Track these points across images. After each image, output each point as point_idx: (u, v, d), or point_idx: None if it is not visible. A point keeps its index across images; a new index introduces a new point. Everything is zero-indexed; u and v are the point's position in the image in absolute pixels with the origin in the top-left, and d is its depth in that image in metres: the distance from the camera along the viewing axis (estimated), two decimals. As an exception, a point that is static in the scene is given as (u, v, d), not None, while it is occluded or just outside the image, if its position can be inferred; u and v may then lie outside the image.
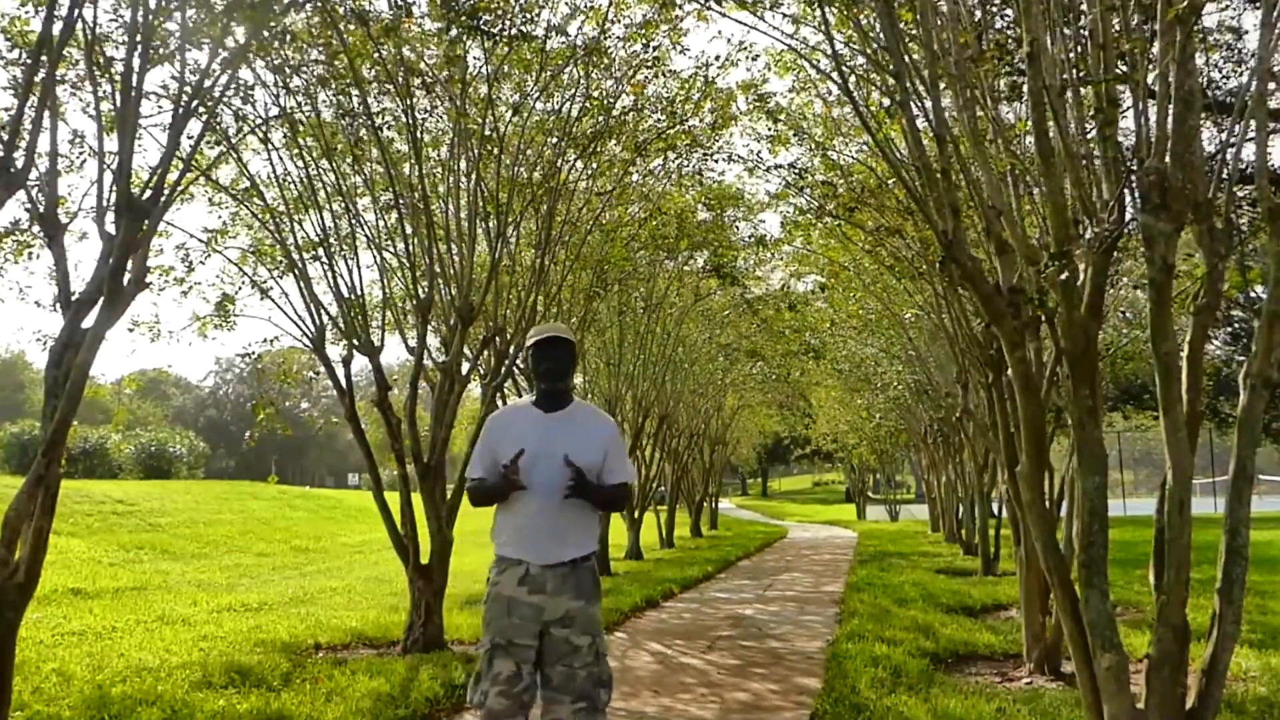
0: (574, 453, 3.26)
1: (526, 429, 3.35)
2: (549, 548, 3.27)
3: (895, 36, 4.01)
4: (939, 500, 21.02)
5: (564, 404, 3.42)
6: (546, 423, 3.37)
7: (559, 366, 3.39)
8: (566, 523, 3.30)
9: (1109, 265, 3.62)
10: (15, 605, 4.16)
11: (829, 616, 8.89)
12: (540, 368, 3.38)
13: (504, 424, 3.46)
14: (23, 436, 27.18)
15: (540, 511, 3.27)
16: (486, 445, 3.43)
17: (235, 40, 5.23)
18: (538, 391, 3.46)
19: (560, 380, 3.40)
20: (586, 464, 3.27)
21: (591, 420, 3.46)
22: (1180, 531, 3.23)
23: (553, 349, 3.38)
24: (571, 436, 3.32)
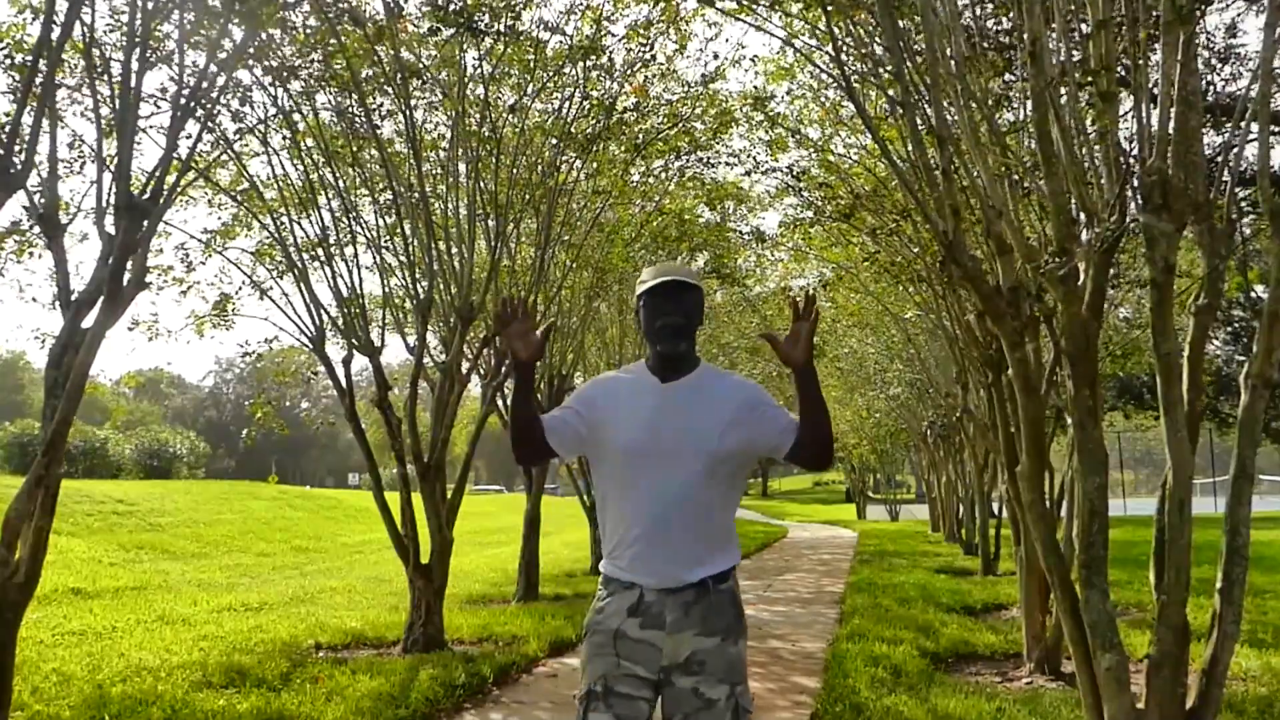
0: (704, 430, 2.45)
1: (640, 400, 2.51)
2: (669, 565, 2.43)
3: (896, 37, 4.01)
4: (939, 500, 21.03)
5: (685, 371, 2.55)
6: (665, 393, 2.51)
7: (682, 322, 2.50)
8: (694, 530, 2.44)
9: (1109, 265, 3.62)
10: (15, 605, 4.16)
11: (829, 616, 8.89)
12: (655, 324, 2.50)
13: (610, 389, 2.58)
14: (23, 436, 27.17)
15: (657, 515, 2.44)
16: (576, 408, 2.55)
17: (232, 42, 5.23)
18: (652, 355, 2.57)
19: (684, 340, 2.52)
20: (725, 446, 2.44)
21: (725, 385, 2.55)
22: (1180, 531, 3.23)
23: (674, 298, 2.50)
24: (699, 409, 2.49)
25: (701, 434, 2.45)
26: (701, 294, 2.59)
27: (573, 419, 2.52)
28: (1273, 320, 3.16)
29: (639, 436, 2.46)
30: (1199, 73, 3.20)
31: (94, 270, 4.47)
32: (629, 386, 2.56)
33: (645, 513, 2.43)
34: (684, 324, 2.50)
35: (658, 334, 2.50)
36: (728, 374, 2.66)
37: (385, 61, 7.01)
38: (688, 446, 2.43)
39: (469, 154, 8.03)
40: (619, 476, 2.50)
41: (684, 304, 2.51)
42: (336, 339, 7.93)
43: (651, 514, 2.43)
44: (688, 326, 2.52)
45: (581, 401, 2.56)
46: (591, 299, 12.22)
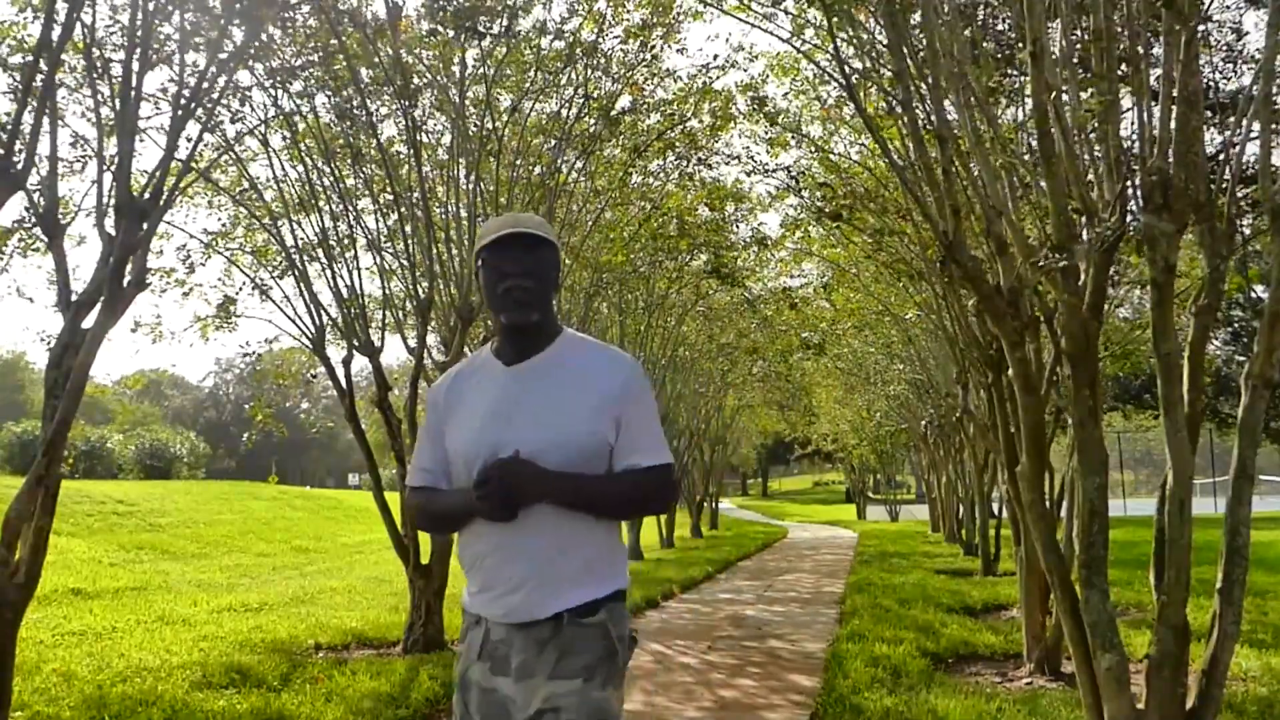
0: (562, 421, 1.96)
1: (482, 394, 2.06)
2: (517, 594, 1.94)
3: (897, 36, 4.01)
4: (939, 500, 21.02)
5: (539, 347, 2.05)
6: (511, 380, 2.03)
7: (531, 285, 1.99)
8: (552, 549, 1.94)
9: (1110, 265, 3.62)
10: (15, 605, 4.16)
11: (829, 616, 8.89)
12: (498, 288, 2.00)
13: (455, 391, 2.12)
14: (23, 436, 27.17)
15: (503, 532, 1.94)
16: (430, 429, 2.14)
17: (233, 43, 5.23)
18: (499, 331, 2.11)
19: (532, 310, 2.00)
20: (593, 441, 1.96)
21: (587, 367, 2.03)
22: (1181, 532, 3.23)
23: (519, 255, 1.99)
24: (558, 393, 1.99)
25: (559, 425, 1.96)
26: (556, 252, 2.08)
27: (439, 459, 2.11)
28: (1273, 320, 3.16)
29: (475, 438, 2.00)
30: (1200, 72, 3.19)
31: (94, 271, 4.47)
32: (474, 378, 2.10)
33: (490, 529, 1.94)
34: (533, 287, 1.99)
35: (500, 301, 2.00)
36: (599, 345, 2.13)
37: (385, 64, 7.01)
38: (541, 443, 1.92)
39: (469, 155, 8.03)
40: (464, 485, 2.02)
41: (532, 262, 1.99)
42: (337, 339, 7.94)
43: (497, 530, 1.93)
44: (539, 290, 2.00)
45: (434, 415, 2.14)
46: (591, 299, 12.22)
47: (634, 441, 2.01)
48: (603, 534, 2.01)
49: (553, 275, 2.08)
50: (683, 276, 14.40)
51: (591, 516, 1.98)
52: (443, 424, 2.10)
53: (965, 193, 4.83)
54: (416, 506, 2.16)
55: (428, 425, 2.16)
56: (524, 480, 1.90)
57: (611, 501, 2.02)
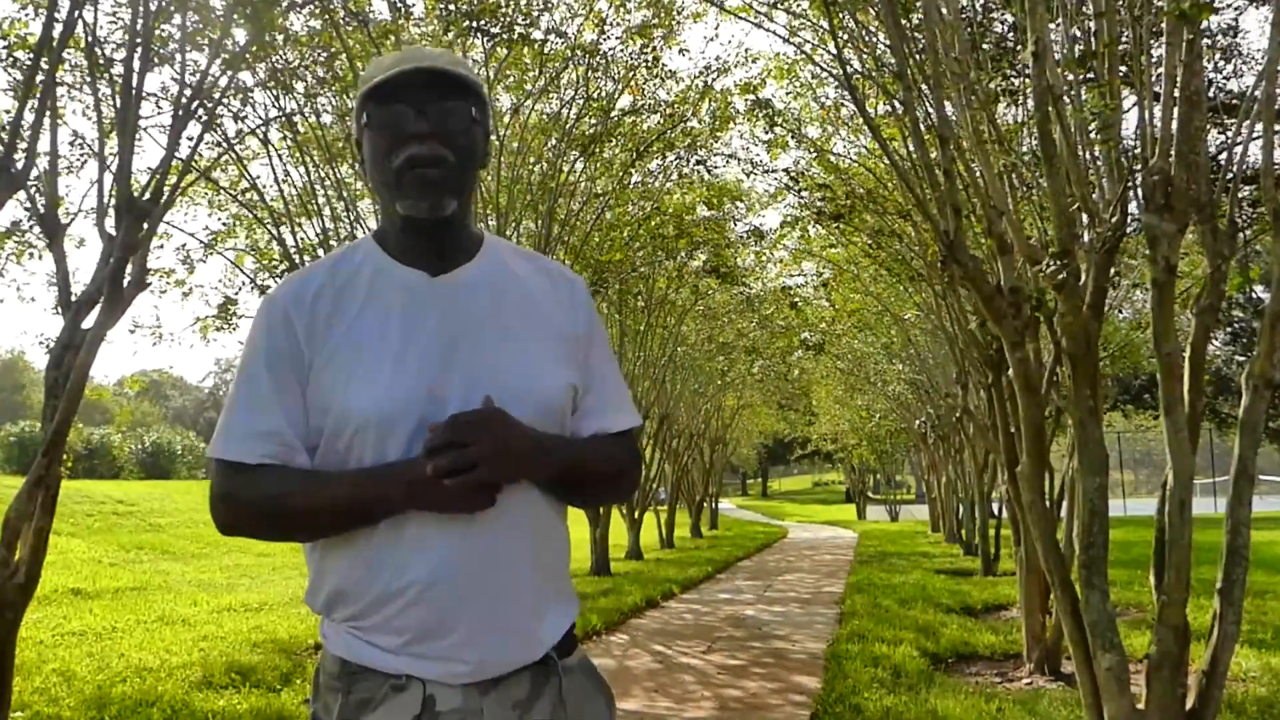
0: (523, 364, 1.34)
1: (390, 319, 1.32)
2: (487, 634, 1.28)
3: (899, 36, 4.01)
4: (939, 500, 21.03)
5: (465, 253, 1.39)
6: (439, 302, 1.34)
7: (444, 152, 1.31)
8: (528, 560, 1.32)
9: (1111, 265, 3.62)
10: (15, 605, 4.16)
11: (829, 617, 8.89)
12: (392, 160, 1.31)
13: (327, 309, 1.33)
14: (23, 437, 27.17)
15: (459, 543, 1.27)
16: (275, 369, 1.31)
17: (235, 43, 5.23)
18: (393, 225, 1.38)
19: (446, 194, 1.32)
20: (544, 402, 1.34)
21: (535, 288, 1.42)
22: (1181, 532, 3.23)
23: (420, 103, 1.30)
24: (503, 333, 1.35)
25: (524, 370, 1.33)
26: (484, 107, 1.38)
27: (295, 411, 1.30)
28: (1274, 320, 3.16)
29: (396, 384, 1.27)
30: (1203, 72, 3.19)
31: (94, 271, 4.47)
32: (362, 291, 1.34)
33: (433, 540, 1.26)
34: (449, 159, 1.30)
35: (396, 179, 1.30)
36: (534, 255, 1.51)
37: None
38: (504, 396, 1.28)
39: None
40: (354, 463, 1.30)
41: (446, 118, 1.31)
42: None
43: (448, 542, 1.26)
44: (457, 166, 1.32)
45: (283, 346, 1.31)
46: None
47: (605, 397, 1.44)
48: (564, 529, 1.41)
49: (478, 145, 1.36)
50: (682, 275, 14.41)
51: (563, 503, 1.40)
52: (305, 361, 1.30)
53: (966, 192, 4.83)
54: (262, 499, 1.30)
55: (268, 362, 1.31)
56: (523, 446, 1.26)
57: (599, 481, 1.44)
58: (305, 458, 1.31)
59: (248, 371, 1.34)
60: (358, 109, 1.36)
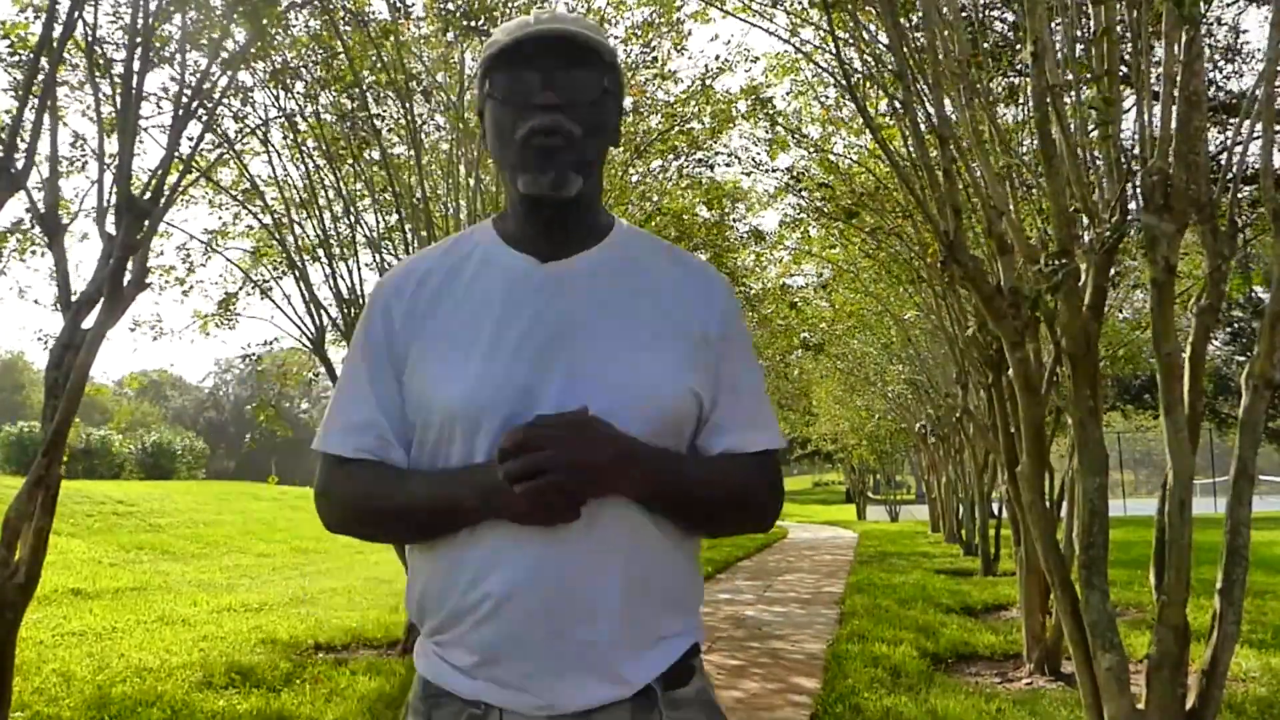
0: (624, 374, 1.18)
1: (491, 307, 1.21)
2: (577, 660, 1.15)
3: (898, 36, 4.01)
4: (939, 500, 21.03)
5: (586, 239, 1.26)
6: (546, 291, 1.22)
7: (571, 126, 1.17)
8: (635, 575, 1.18)
9: (1110, 265, 3.62)
10: (15, 606, 4.16)
11: (829, 617, 8.89)
12: (514, 132, 1.18)
13: (429, 295, 1.25)
14: (22, 437, 27.18)
15: (544, 554, 1.14)
16: (374, 359, 1.25)
17: (235, 43, 5.23)
18: (515, 205, 1.26)
19: (575, 166, 1.19)
20: (660, 410, 1.19)
21: (665, 281, 1.27)
22: (1181, 532, 3.23)
23: (547, 71, 1.18)
24: (618, 328, 1.21)
25: (638, 371, 1.19)
26: (618, 76, 1.25)
27: (393, 403, 1.23)
28: (1274, 320, 3.16)
29: (486, 379, 1.17)
30: (1202, 72, 3.19)
31: (94, 270, 4.47)
32: (466, 277, 1.24)
33: (510, 552, 1.15)
34: (575, 134, 1.17)
35: (519, 154, 1.19)
36: (672, 248, 1.35)
37: (388, 64, 7.02)
38: (610, 398, 1.15)
39: (468, 155, 8.04)
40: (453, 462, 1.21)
41: (575, 88, 1.18)
42: (337, 340, 7.94)
43: (524, 556, 1.14)
44: (585, 141, 1.19)
45: (384, 334, 1.24)
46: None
47: (740, 410, 1.26)
48: (689, 551, 1.27)
49: (609, 119, 1.24)
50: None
51: (679, 525, 1.23)
52: (403, 350, 1.22)
53: (966, 192, 4.83)
54: (352, 497, 1.24)
55: (365, 352, 1.25)
56: (603, 455, 1.12)
57: (716, 506, 1.25)
58: (401, 453, 1.24)
59: (350, 361, 1.29)
60: (480, 76, 1.25)
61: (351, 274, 7.43)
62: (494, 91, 1.21)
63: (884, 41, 5.33)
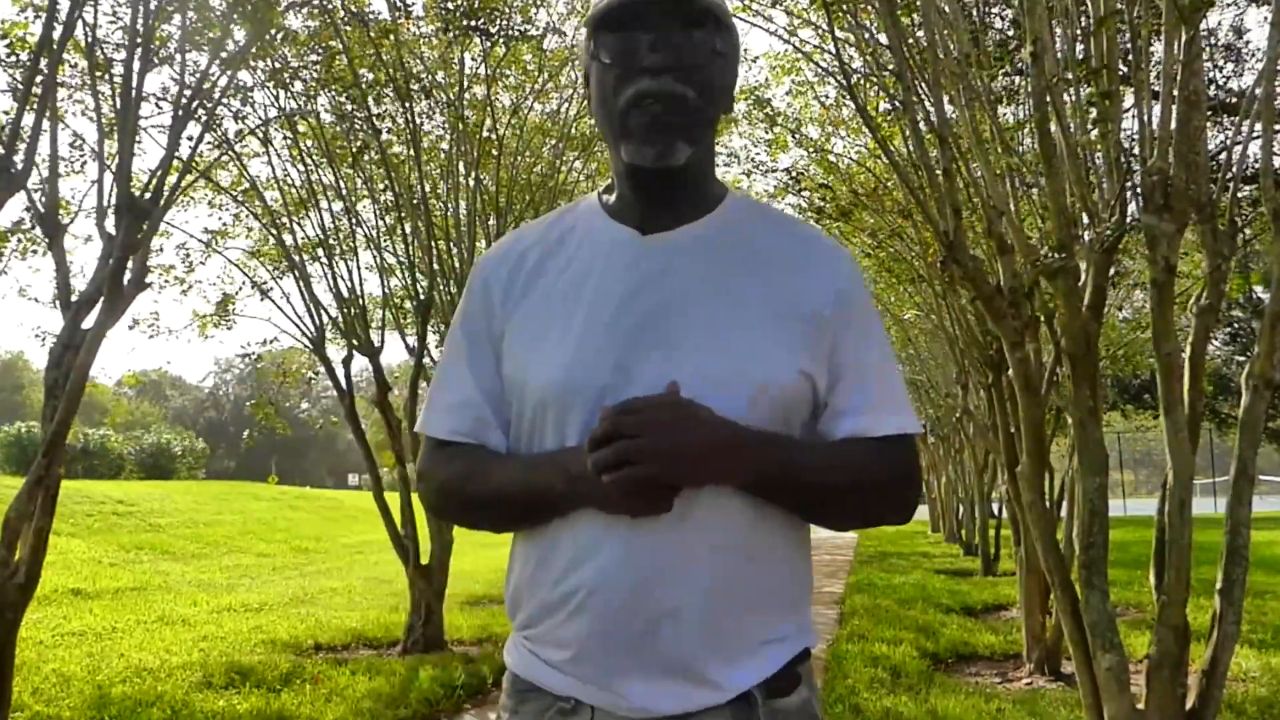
0: (726, 353, 1.10)
1: (589, 282, 1.15)
2: (672, 660, 1.08)
3: (898, 36, 4.01)
4: (939, 500, 21.03)
5: (695, 210, 1.19)
6: (645, 265, 1.15)
7: (682, 90, 1.10)
8: (735, 571, 1.09)
9: (1110, 265, 3.62)
10: (15, 606, 4.16)
11: (829, 617, 8.89)
12: (620, 95, 1.11)
13: (528, 269, 1.20)
14: (22, 438, 27.17)
15: (635, 539, 1.07)
16: (474, 337, 1.21)
17: (235, 43, 5.23)
18: (620, 175, 1.19)
19: (683, 138, 1.11)
20: (768, 392, 1.10)
21: (779, 254, 1.18)
22: (1181, 532, 3.23)
23: (657, 31, 1.10)
24: (723, 304, 1.12)
25: (742, 350, 1.11)
26: (731, 38, 1.17)
27: (493, 383, 1.19)
28: (1274, 321, 3.16)
29: (578, 359, 1.11)
30: (1202, 71, 3.19)
31: (94, 270, 4.47)
32: (567, 250, 1.19)
33: (600, 543, 1.09)
34: (687, 97, 1.11)
35: (623, 118, 1.12)
36: (791, 220, 1.29)
37: (388, 63, 7.02)
38: (711, 379, 1.08)
39: (468, 155, 8.04)
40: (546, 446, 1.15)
41: (688, 50, 1.11)
42: (336, 339, 7.95)
43: (614, 548, 1.08)
44: (697, 104, 1.12)
45: (482, 311, 1.20)
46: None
47: (864, 392, 1.17)
48: (798, 546, 1.18)
49: (721, 83, 1.17)
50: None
51: (789, 517, 1.15)
52: (500, 329, 1.18)
53: (967, 191, 4.83)
54: (447, 482, 1.20)
55: (465, 330, 1.21)
56: (698, 442, 1.03)
57: (841, 494, 1.16)
58: (500, 436, 1.18)
59: (450, 341, 1.25)
60: (586, 38, 1.17)
61: (351, 274, 7.45)
62: (598, 53, 1.14)
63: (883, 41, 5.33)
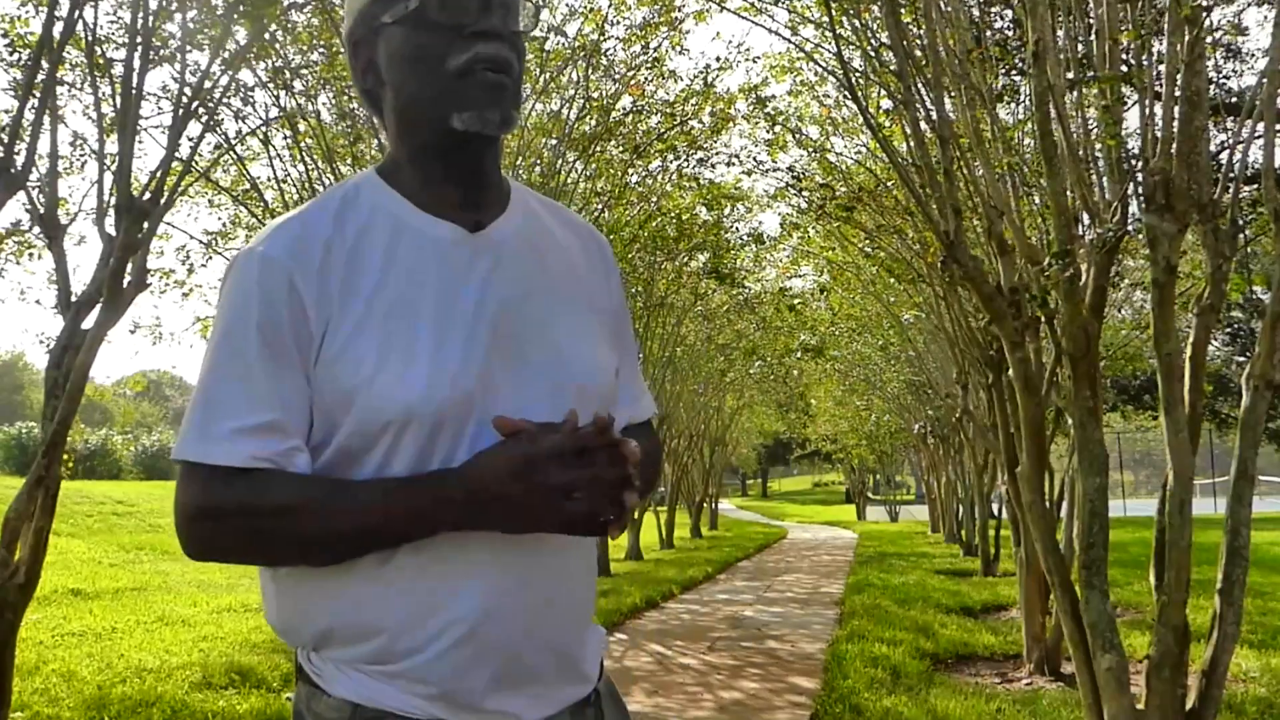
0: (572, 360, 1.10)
1: (424, 285, 1.04)
2: (549, 668, 1.08)
3: (899, 36, 4.01)
4: (939, 501, 21.03)
5: (497, 201, 1.12)
6: (477, 267, 1.07)
7: (514, 58, 1.06)
8: (585, 575, 1.14)
9: (1111, 265, 3.62)
10: (15, 606, 4.16)
11: (829, 617, 8.89)
12: (452, 60, 1.03)
13: (340, 266, 1.03)
14: (22, 438, 27.16)
15: (527, 558, 1.04)
16: (274, 343, 1.00)
17: (236, 42, 5.23)
18: (431, 151, 1.08)
19: (514, 106, 1.06)
20: (600, 394, 1.11)
21: (568, 247, 1.17)
22: (1181, 532, 3.23)
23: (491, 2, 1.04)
24: (553, 308, 1.11)
25: (576, 357, 1.11)
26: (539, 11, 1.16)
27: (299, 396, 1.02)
28: (1274, 321, 3.16)
29: (445, 381, 1.02)
30: (1204, 72, 3.19)
31: (94, 271, 4.47)
32: (379, 247, 1.05)
33: (489, 566, 1.03)
34: (515, 68, 1.07)
35: (458, 84, 1.04)
36: (556, 205, 1.24)
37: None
38: (560, 384, 1.08)
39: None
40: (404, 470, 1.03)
41: (514, 15, 1.07)
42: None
43: (502, 568, 1.03)
44: (521, 73, 1.10)
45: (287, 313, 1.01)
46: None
47: (634, 381, 1.24)
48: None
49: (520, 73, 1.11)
50: (681, 277, 14.40)
51: None
52: (314, 337, 1.02)
53: (967, 189, 4.83)
54: (263, 516, 1.00)
55: (263, 337, 1.01)
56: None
57: (648, 482, 1.19)
58: (306, 459, 1.01)
59: (233, 347, 1.01)
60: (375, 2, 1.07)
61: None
62: (417, 15, 1.04)
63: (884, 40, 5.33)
